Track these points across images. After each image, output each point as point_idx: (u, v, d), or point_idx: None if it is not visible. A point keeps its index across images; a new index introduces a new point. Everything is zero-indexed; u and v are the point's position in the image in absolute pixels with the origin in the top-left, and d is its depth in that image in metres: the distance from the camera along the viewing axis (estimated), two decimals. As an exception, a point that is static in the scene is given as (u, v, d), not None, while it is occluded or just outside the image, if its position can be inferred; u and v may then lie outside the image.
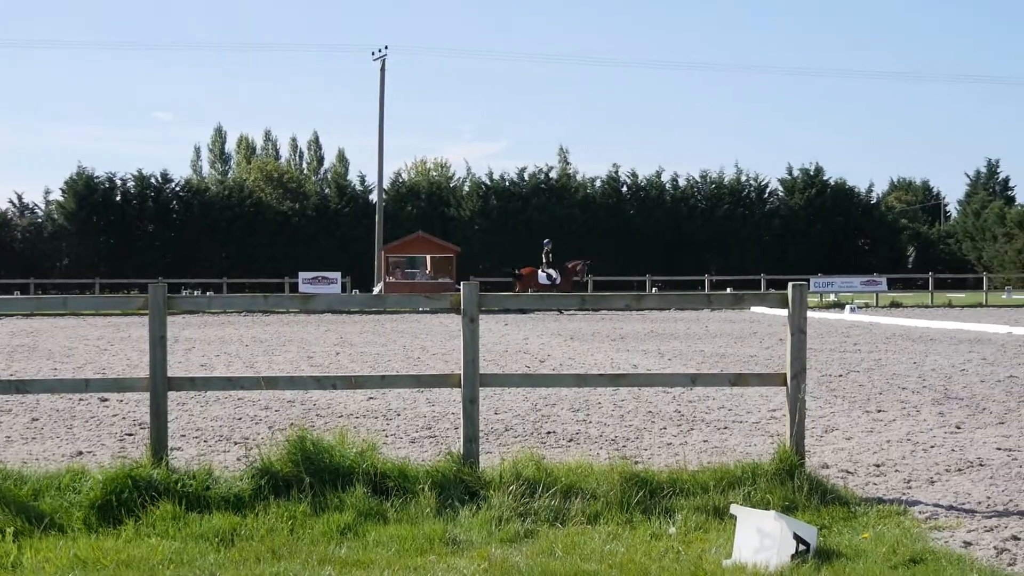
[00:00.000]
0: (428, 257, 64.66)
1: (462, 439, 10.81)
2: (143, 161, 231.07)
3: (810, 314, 46.49)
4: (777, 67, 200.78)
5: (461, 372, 10.88)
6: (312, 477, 10.12)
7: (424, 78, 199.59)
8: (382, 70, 76.05)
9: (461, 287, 10.95)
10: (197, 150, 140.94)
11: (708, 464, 11.31)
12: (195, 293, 68.05)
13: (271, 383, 11.74)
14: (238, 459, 12.37)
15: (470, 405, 10.79)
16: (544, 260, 59.35)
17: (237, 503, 9.93)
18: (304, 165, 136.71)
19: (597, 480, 10.24)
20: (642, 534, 9.20)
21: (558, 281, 57.70)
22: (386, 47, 76.42)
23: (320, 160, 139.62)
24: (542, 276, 58.29)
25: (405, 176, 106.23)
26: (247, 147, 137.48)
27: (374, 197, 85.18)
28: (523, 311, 53.25)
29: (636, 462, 11.86)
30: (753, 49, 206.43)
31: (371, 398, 18.19)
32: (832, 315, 50.66)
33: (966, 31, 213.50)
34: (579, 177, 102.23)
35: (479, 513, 9.64)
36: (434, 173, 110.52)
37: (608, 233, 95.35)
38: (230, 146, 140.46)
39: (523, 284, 58.09)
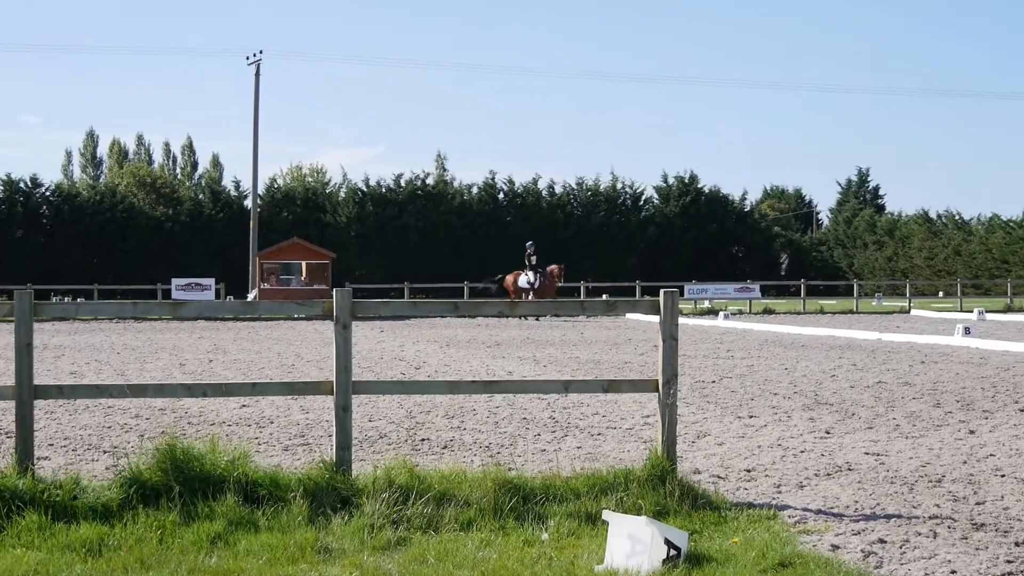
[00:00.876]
0: (303, 263, 64.30)
1: (335, 447, 10.73)
2: (12, 165, 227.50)
3: (684, 321, 47.03)
4: (652, 76, 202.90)
5: (334, 379, 10.80)
6: (182, 486, 9.99)
7: (300, 83, 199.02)
8: (257, 75, 75.51)
9: (334, 294, 10.87)
10: (68, 154, 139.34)
11: (581, 470, 11.34)
12: (65, 300, 66.81)
13: (139, 391, 11.59)
14: (107, 468, 12.19)
15: (343, 412, 10.71)
16: (527, 264, 58.11)
17: (105, 513, 9.77)
18: (178, 170, 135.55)
19: (471, 487, 10.22)
20: (515, 540, 9.20)
21: (537, 285, 56.71)
22: (261, 51, 75.91)
23: (194, 165, 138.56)
24: (523, 280, 57.24)
25: (280, 182, 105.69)
26: (119, 152, 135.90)
27: (249, 203, 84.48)
28: (400, 317, 53.13)
29: (510, 469, 11.85)
30: (628, 58, 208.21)
31: (244, 406, 18.03)
32: (706, 321, 51.19)
33: (838, 41, 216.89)
34: (456, 184, 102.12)
35: (352, 521, 9.57)
36: (310, 179, 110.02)
37: (485, 239, 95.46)
38: (102, 150, 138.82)
39: (509, 292, 57.39)
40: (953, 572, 8.35)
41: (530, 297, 55.31)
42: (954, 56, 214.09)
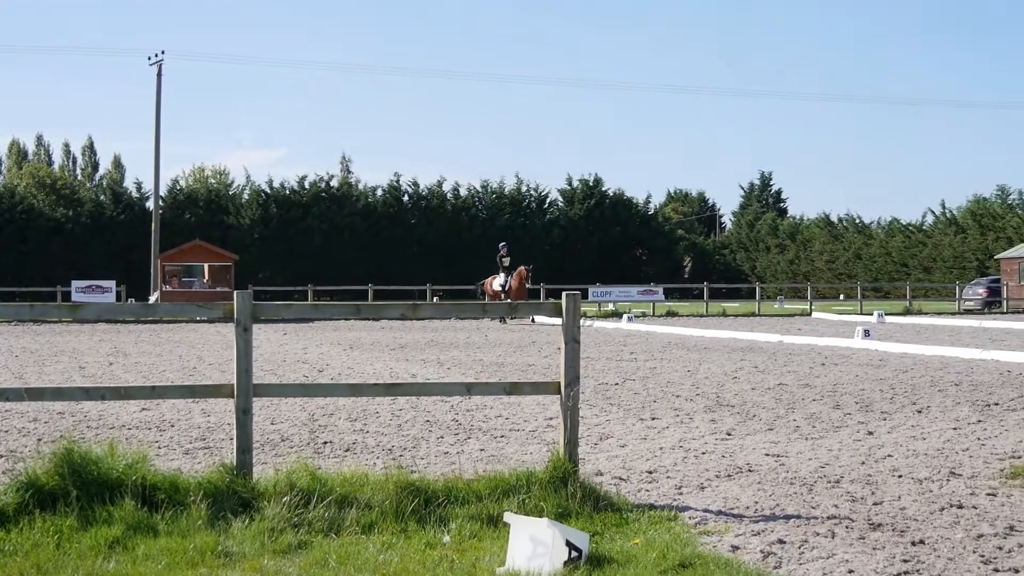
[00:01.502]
0: (206, 265, 63.82)
1: (235, 450, 10.63)
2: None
3: (588, 323, 47.03)
4: (556, 78, 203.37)
5: (235, 382, 10.71)
6: (80, 490, 9.85)
7: (203, 84, 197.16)
8: (159, 75, 74.78)
9: (234, 296, 10.77)
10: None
11: (484, 472, 11.30)
12: (-37, 302, 65.78)
13: (37, 394, 11.42)
14: (3, 472, 12.01)
15: (243, 415, 10.62)
16: (500, 265, 55.58)
17: (1, 518, 9.62)
18: (78, 171, 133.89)
19: (372, 490, 10.16)
20: (417, 543, 9.17)
21: (507, 287, 54.21)
22: (163, 52, 75.27)
23: (95, 166, 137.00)
24: (496, 284, 54.85)
25: (183, 183, 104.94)
26: (19, 152, 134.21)
27: (151, 204, 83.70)
28: (302, 320, 52.90)
29: (412, 471, 11.80)
30: (532, 60, 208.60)
31: (145, 409, 17.85)
32: (610, 324, 51.40)
33: (739, 45, 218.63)
34: (361, 186, 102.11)
35: (252, 524, 9.48)
36: (213, 180, 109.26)
37: (390, 242, 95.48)
38: (1, 151, 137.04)
39: (488, 295, 55.49)
40: (851, 572, 8.43)
41: (502, 299, 53.25)
42: (855, 61, 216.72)
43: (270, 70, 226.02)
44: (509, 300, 49.28)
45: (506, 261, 55.07)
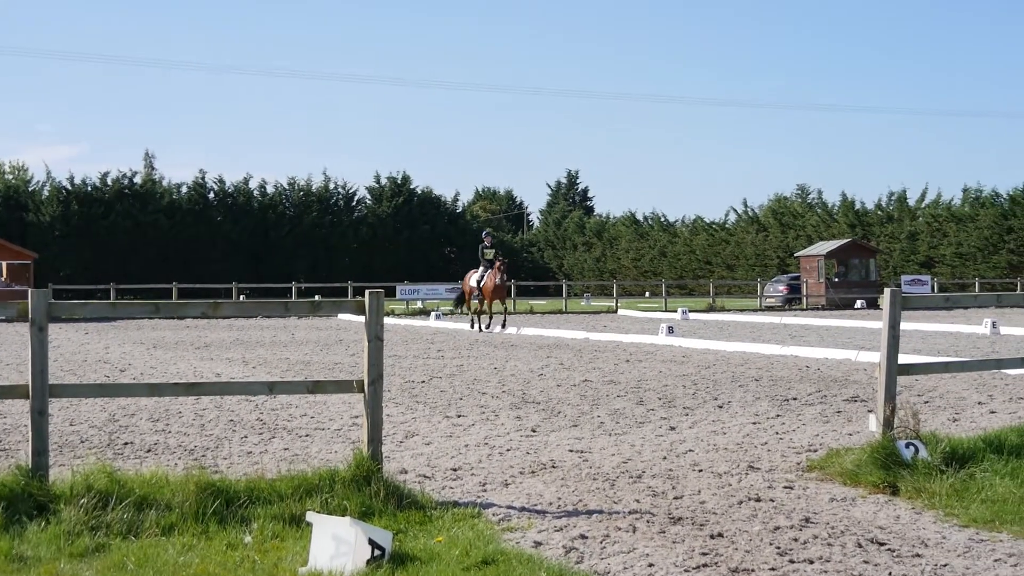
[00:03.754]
0: (4, 264, 62.53)
1: (31, 452, 10.41)
2: None
3: (396, 321, 47.13)
4: (365, 76, 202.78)
5: (29, 383, 10.47)
6: None
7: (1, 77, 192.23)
8: (-45, 68, 72.91)
9: (29, 294, 10.55)
10: None
11: (287, 472, 11.24)
12: None
13: None
14: None
15: (39, 417, 10.39)
16: (482, 257, 45.20)
17: None
18: None
19: (173, 491, 10.03)
20: (218, 544, 9.07)
21: (482, 284, 44.51)
22: (-41, 45, 73.41)
23: None
24: (472, 280, 45.16)
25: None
26: None
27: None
28: (102, 319, 52.00)
29: (215, 472, 11.69)
30: (340, 57, 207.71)
31: (-62, 411, 17.38)
32: (418, 322, 51.42)
33: (544, 45, 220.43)
34: (165, 183, 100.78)
35: (48, 528, 9.30)
36: (10, 176, 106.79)
37: (195, 240, 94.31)
38: None
39: (466, 292, 48.64)
40: (651, 565, 8.54)
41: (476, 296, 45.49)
42: (658, 61, 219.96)
43: (73, 64, 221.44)
44: (482, 298, 43.48)
45: (489, 253, 45.29)
